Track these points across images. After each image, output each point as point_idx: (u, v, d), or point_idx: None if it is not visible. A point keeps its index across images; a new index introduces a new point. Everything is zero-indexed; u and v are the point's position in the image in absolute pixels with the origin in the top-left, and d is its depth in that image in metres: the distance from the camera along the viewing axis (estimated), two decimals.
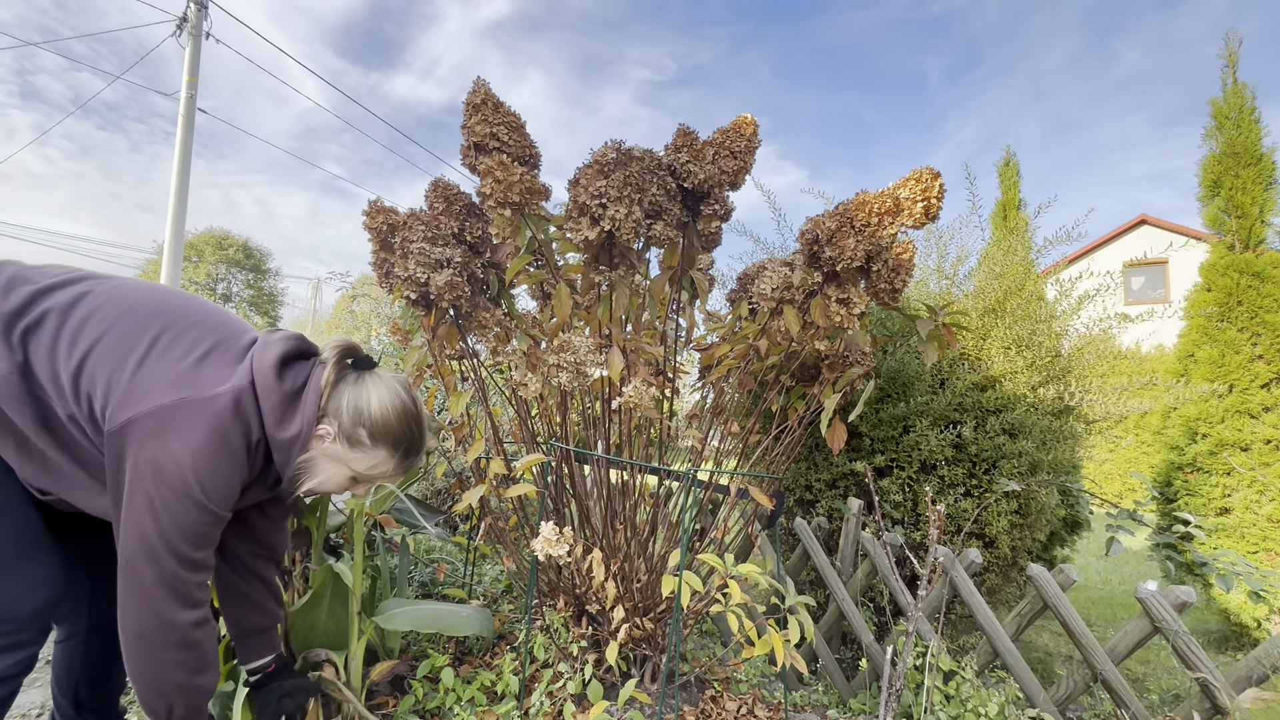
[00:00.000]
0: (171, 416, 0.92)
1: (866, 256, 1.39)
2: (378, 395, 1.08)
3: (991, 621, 1.85)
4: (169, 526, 0.92)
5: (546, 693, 1.59)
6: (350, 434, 1.06)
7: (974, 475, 2.29)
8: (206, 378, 0.98)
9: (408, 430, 1.10)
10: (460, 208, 1.58)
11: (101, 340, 0.97)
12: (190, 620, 0.97)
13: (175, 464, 0.91)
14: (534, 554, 1.60)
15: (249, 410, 1.00)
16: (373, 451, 1.08)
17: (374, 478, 1.13)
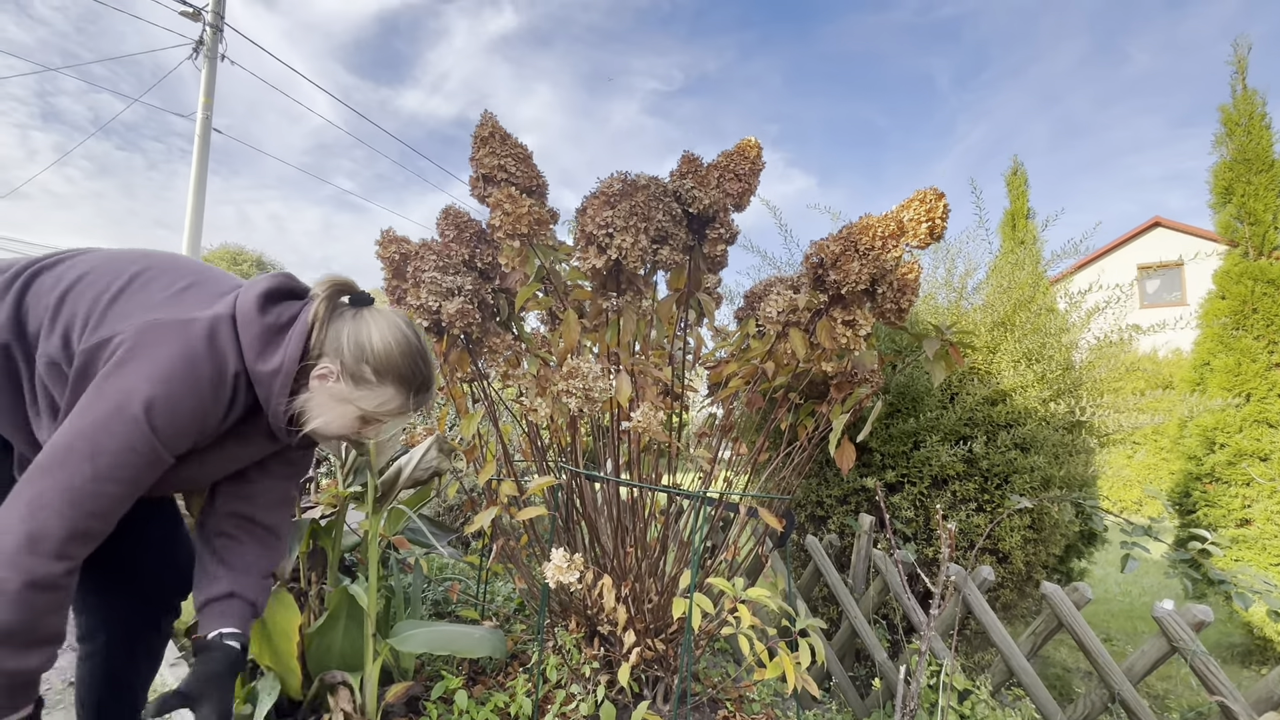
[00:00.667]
0: (141, 338, 0.88)
1: (871, 279, 1.40)
2: (379, 330, 1.02)
3: (1006, 640, 1.84)
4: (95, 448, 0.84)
5: (559, 714, 1.60)
6: (354, 371, 1.01)
7: (986, 490, 2.28)
8: (187, 303, 0.95)
9: (414, 364, 1.04)
10: (471, 235, 1.61)
11: (83, 278, 0.96)
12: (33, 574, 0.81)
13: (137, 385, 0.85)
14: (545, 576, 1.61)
15: (225, 340, 0.94)
16: (379, 388, 1.02)
17: (383, 415, 1.05)
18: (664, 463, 1.93)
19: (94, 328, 0.90)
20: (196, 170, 10.09)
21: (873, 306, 1.53)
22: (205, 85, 10.52)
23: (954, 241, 2.80)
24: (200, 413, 0.92)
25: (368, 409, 1.03)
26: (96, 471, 0.84)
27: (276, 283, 1.02)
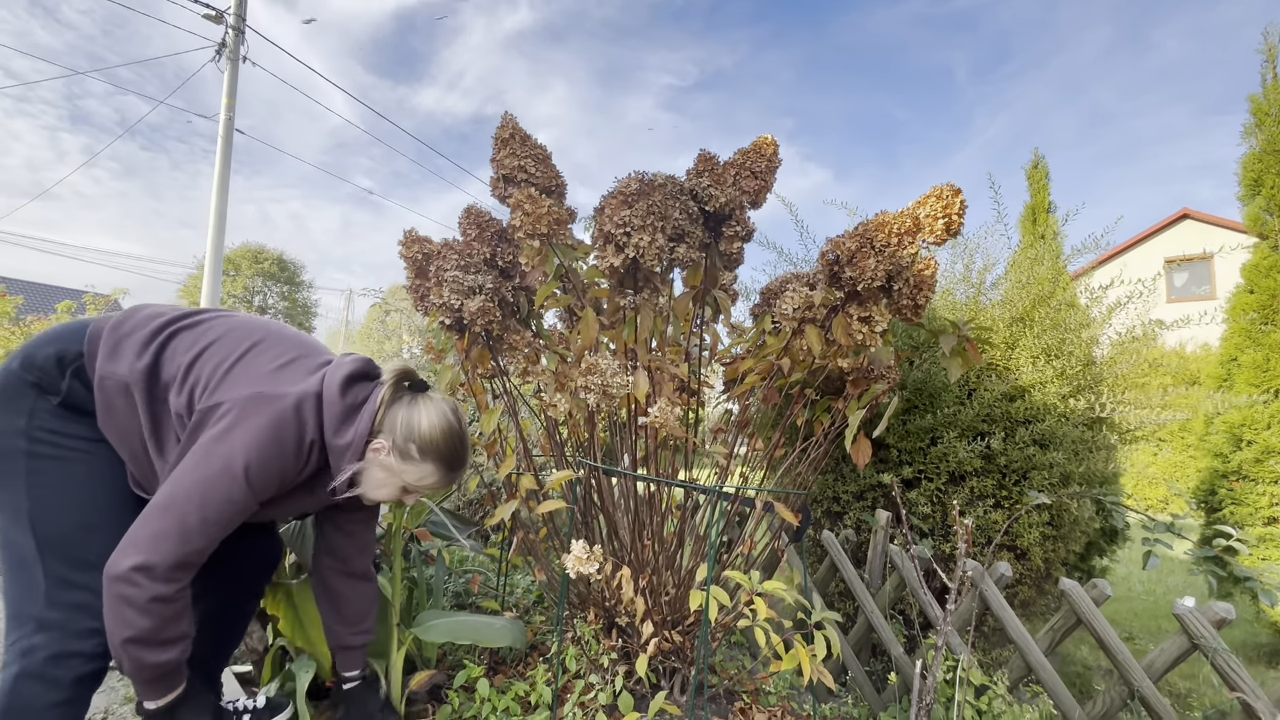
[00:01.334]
0: (245, 407, 1.06)
1: (887, 276, 1.40)
2: (428, 415, 1.20)
3: (1024, 636, 1.84)
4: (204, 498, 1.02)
5: (578, 703, 1.63)
6: (402, 448, 1.18)
7: (1004, 486, 2.27)
8: (282, 380, 1.12)
9: (453, 448, 1.22)
10: (492, 234, 1.65)
11: (215, 343, 1.15)
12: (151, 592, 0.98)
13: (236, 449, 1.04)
14: (565, 568, 1.65)
15: (309, 414, 1.12)
16: (421, 465, 1.20)
17: (421, 488, 1.24)
18: (680, 458, 1.95)
19: (211, 391, 1.09)
20: (219, 170, 10.28)
21: (889, 303, 1.54)
22: (228, 87, 10.71)
23: (972, 236, 2.78)
24: (283, 472, 1.12)
25: (409, 481, 1.22)
26: (204, 517, 1.03)
27: (357, 367, 1.21)
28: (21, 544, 1.07)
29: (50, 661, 1.05)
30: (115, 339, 1.13)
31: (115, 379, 1.10)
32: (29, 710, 1.04)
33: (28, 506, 1.07)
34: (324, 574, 1.40)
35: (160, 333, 1.15)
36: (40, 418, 1.10)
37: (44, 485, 1.08)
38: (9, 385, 1.11)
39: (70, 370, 1.12)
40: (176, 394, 1.11)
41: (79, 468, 1.12)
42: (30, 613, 1.06)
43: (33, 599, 1.06)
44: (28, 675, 1.04)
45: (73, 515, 1.10)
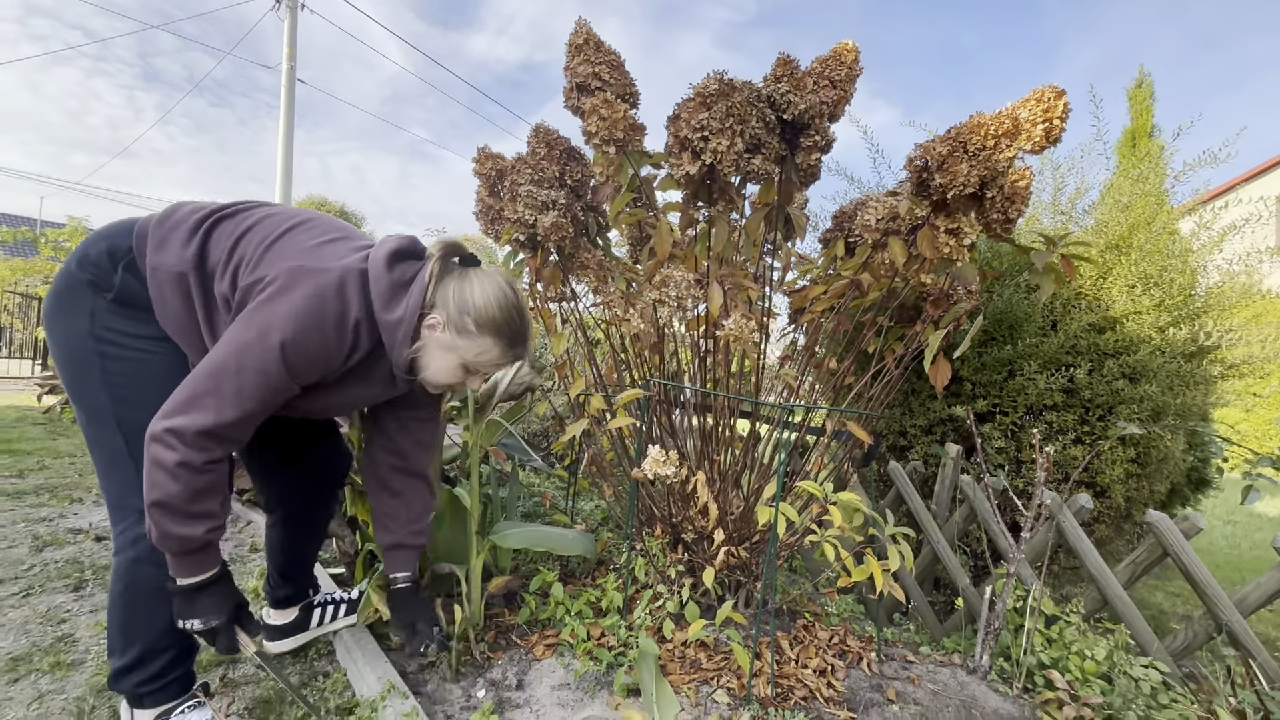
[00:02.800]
0: (287, 279, 1.03)
1: (980, 182, 1.32)
2: (481, 287, 1.14)
3: (1101, 568, 1.79)
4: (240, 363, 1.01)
5: (647, 610, 1.70)
6: (458, 323, 1.13)
7: (1086, 421, 2.17)
8: (326, 255, 1.09)
9: (510, 318, 1.16)
10: (560, 152, 1.63)
11: (256, 224, 1.13)
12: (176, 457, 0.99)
13: (276, 318, 1.01)
14: (633, 481, 1.69)
15: (352, 290, 1.07)
16: (479, 339, 1.15)
17: (482, 365, 1.19)
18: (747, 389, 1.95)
19: (253, 268, 1.07)
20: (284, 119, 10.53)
21: (978, 215, 1.45)
22: (288, 36, 10.85)
23: (1065, 159, 2.58)
24: (324, 351, 1.07)
25: (468, 358, 1.16)
26: (239, 386, 1.02)
27: (403, 244, 1.16)
28: (111, 442, 1.12)
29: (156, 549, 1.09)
30: (162, 232, 1.12)
31: (165, 269, 1.09)
32: (144, 591, 1.14)
33: (111, 406, 1.11)
34: (381, 471, 1.38)
35: (204, 222, 1.13)
36: (102, 317, 1.11)
37: (121, 385, 1.11)
38: (69, 286, 1.13)
39: (122, 264, 1.11)
40: (220, 278, 1.09)
41: (150, 366, 1.13)
42: (131, 504, 1.12)
43: (131, 490, 1.10)
44: (140, 560, 1.12)
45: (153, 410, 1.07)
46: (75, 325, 1.12)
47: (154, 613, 1.15)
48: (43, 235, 8.35)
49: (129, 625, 1.15)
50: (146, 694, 1.17)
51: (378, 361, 1.18)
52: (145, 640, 1.16)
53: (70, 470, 3.53)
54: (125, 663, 1.15)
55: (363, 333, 1.11)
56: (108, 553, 2.28)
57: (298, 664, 1.62)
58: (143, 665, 1.16)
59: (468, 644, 1.61)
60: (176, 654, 1.20)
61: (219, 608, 1.10)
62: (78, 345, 1.11)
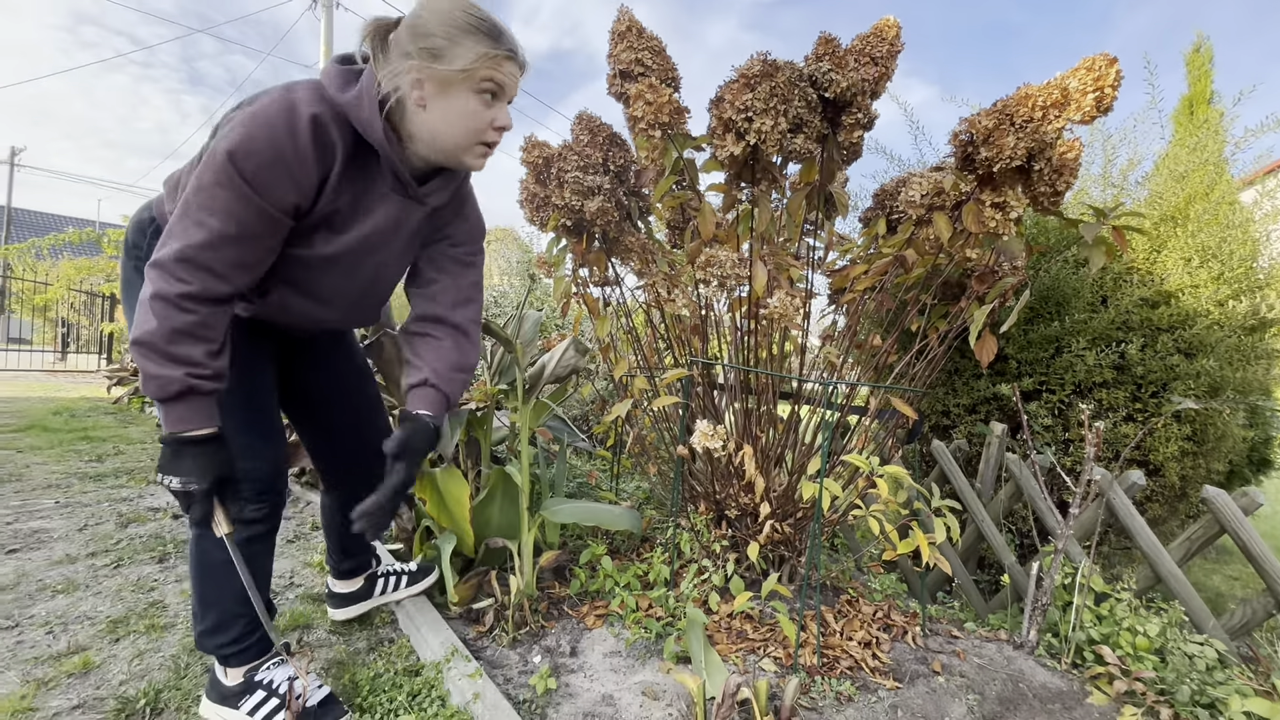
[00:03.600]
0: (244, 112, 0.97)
1: (1028, 155, 1.31)
2: (428, 5, 1.00)
3: (1154, 544, 1.76)
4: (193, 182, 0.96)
5: (693, 584, 1.76)
6: (428, 47, 0.98)
7: (1138, 398, 2.13)
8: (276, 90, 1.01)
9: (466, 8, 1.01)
10: (604, 138, 1.67)
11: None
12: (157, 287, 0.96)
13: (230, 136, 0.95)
14: (678, 458, 1.74)
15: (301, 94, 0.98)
16: (458, 45, 0.99)
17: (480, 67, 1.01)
18: (788, 370, 1.97)
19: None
20: None
21: (1025, 189, 1.44)
22: (324, 34, 11.12)
23: (1116, 130, 2.50)
24: (279, 153, 0.96)
25: (463, 65, 0.99)
26: (200, 203, 0.96)
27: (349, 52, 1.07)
28: None
29: None
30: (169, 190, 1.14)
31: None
32: (213, 563, 1.20)
33: None
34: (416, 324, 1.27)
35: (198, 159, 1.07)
36: None
37: None
38: (126, 277, 1.18)
39: (150, 233, 1.14)
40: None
41: None
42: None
43: None
44: (205, 536, 1.18)
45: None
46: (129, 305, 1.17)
47: (224, 584, 1.21)
48: (104, 235, 8.81)
49: (205, 594, 1.24)
50: (230, 655, 1.27)
51: (371, 169, 1.07)
52: (220, 608, 1.24)
53: (143, 455, 3.76)
54: (206, 627, 1.25)
55: (329, 129, 1.00)
56: (185, 529, 2.45)
57: (364, 631, 1.73)
58: (221, 630, 1.25)
59: (523, 613, 1.69)
60: (248, 622, 1.27)
61: (202, 471, 1.01)
62: None
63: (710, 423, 1.39)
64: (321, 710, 1.28)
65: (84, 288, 11.14)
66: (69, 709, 1.31)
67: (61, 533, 2.32)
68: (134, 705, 1.32)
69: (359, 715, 1.34)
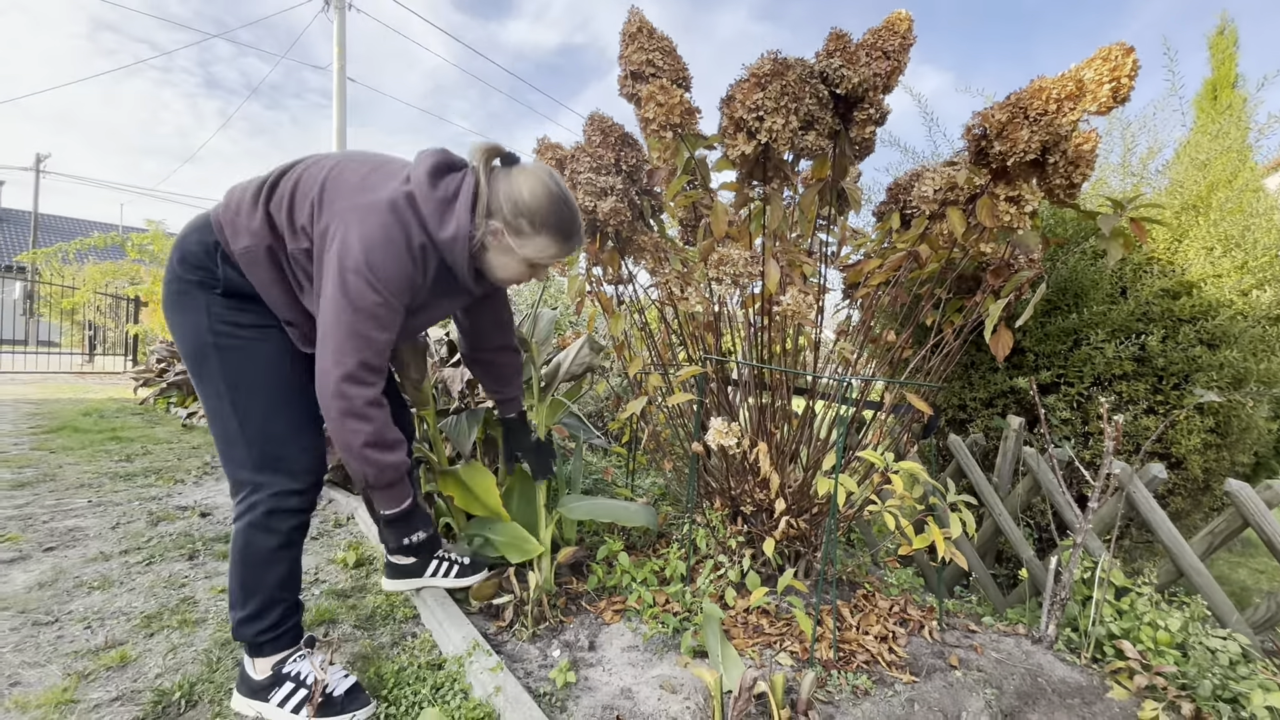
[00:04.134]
0: (345, 217, 1.14)
1: (1042, 148, 1.30)
2: (528, 185, 1.21)
3: (1175, 538, 1.75)
4: (349, 303, 1.13)
5: (709, 579, 1.77)
6: (514, 225, 1.21)
7: (1159, 390, 2.10)
8: (372, 185, 1.18)
9: (561, 214, 1.23)
10: (615, 139, 1.69)
11: (300, 180, 1.22)
12: (361, 396, 1.17)
13: (352, 252, 1.12)
14: (693, 455, 1.75)
15: (406, 212, 1.16)
16: (536, 238, 1.23)
17: (544, 260, 1.28)
18: (802, 367, 1.97)
19: (316, 220, 1.18)
20: (337, 118, 10.91)
21: (1040, 181, 1.43)
22: (337, 35, 11.21)
23: (1136, 118, 2.46)
24: (404, 270, 1.17)
25: (529, 255, 1.26)
26: (356, 319, 1.14)
27: (439, 159, 1.23)
28: (227, 424, 1.25)
29: (267, 515, 1.26)
30: (229, 218, 1.24)
31: (249, 251, 1.21)
32: (258, 553, 1.28)
33: (227, 392, 1.24)
34: (475, 354, 1.64)
35: (259, 196, 1.22)
36: (216, 312, 1.23)
37: (234, 373, 1.24)
38: (181, 289, 1.26)
39: (219, 257, 1.23)
40: (292, 237, 1.20)
41: (258, 354, 1.26)
42: (244, 478, 1.26)
43: (244, 467, 1.26)
44: (252, 526, 1.26)
45: (262, 395, 1.25)
46: (194, 321, 1.25)
47: (268, 570, 1.29)
48: (128, 239, 9.00)
49: (247, 582, 1.30)
50: (265, 642, 1.32)
51: (451, 275, 1.27)
52: (262, 595, 1.31)
53: (170, 454, 3.86)
54: (246, 614, 1.31)
55: (429, 253, 1.20)
56: (214, 527, 2.51)
57: (387, 626, 1.77)
58: (261, 616, 1.31)
59: (542, 609, 1.72)
60: (287, 608, 1.34)
61: (426, 521, 1.40)
62: (197, 340, 1.25)
63: (724, 420, 1.40)
64: (348, 699, 1.32)
65: (109, 291, 11.39)
66: (108, 701, 1.36)
67: (95, 531, 2.40)
68: (170, 697, 1.37)
69: (384, 706, 1.38)
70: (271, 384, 1.27)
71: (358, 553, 2.22)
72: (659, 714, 1.34)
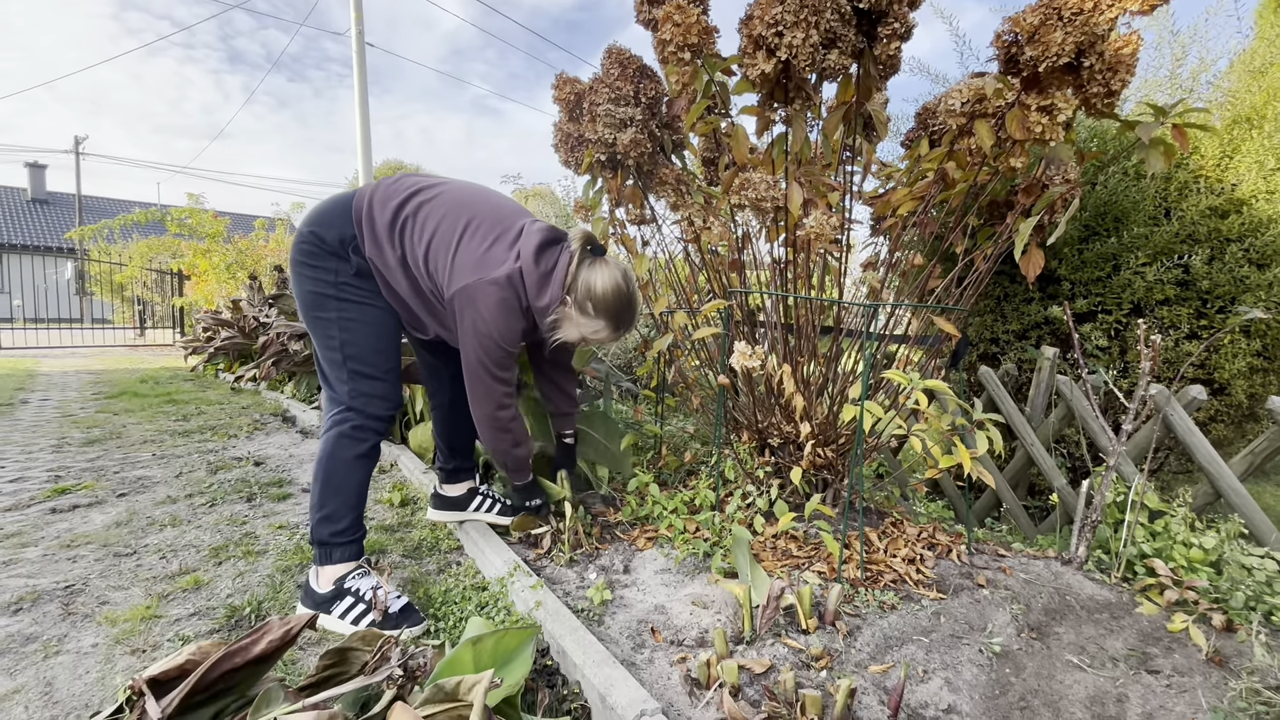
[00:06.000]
0: (475, 291, 1.45)
1: (1077, 50, 1.25)
2: (603, 279, 1.50)
3: (1214, 458, 1.72)
4: (485, 358, 1.50)
5: (738, 507, 1.82)
6: (581, 305, 1.51)
7: (1203, 314, 2.03)
8: (492, 261, 1.47)
9: (621, 307, 1.53)
10: (634, 70, 1.67)
11: (436, 232, 1.48)
12: (503, 416, 1.61)
13: (484, 322, 1.46)
14: (720, 387, 1.78)
15: (518, 285, 1.48)
16: (595, 320, 1.53)
17: (594, 337, 1.59)
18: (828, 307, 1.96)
19: (449, 282, 1.47)
20: (358, 87, 10.88)
21: (1076, 89, 1.37)
22: (354, 1, 11.10)
23: (1186, 28, 2.31)
24: (516, 329, 1.52)
25: (585, 333, 1.57)
26: (492, 373, 1.53)
27: (544, 236, 1.52)
28: (335, 355, 1.52)
29: (355, 429, 1.52)
30: (366, 231, 1.50)
31: (382, 264, 1.51)
32: (343, 458, 1.51)
33: (339, 334, 1.51)
34: (544, 387, 1.97)
35: (393, 225, 1.49)
36: (344, 277, 1.51)
37: (350, 320, 1.52)
38: (315, 251, 1.50)
39: (352, 249, 1.50)
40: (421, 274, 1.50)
41: (372, 311, 1.54)
42: (341, 399, 1.53)
43: (343, 391, 1.53)
44: (342, 436, 1.51)
45: (369, 341, 1.54)
46: (322, 279, 1.50)
47: (348, 475, 1.51)
48: (167, 214, 9.27)
49: (328, 484, 1.50)
50: (335, 545, 1.46)
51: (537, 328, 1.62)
52: (338, 498, 1.50)
53: (222, 414, 4.06)
54: (324, 514, 1.49)
55: (529, 313, 1.55)
56: (268, 474, 2.66)
57: (433, 556, 1.87)
58: (335, 519, 1.49)
59: (578, 537, 1.80)
60: (355, 518, 1.53)
61: (542, 493, 1.86)
62: (323, 291, 1.50)
63: (748, 344, 1.42)
64: (401, 616, 1.42)
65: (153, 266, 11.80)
66: (186, 616, 1.49)
67: (161, 479, 2.57)
68: (241, 612, 1.50)
69: (434, 622, 1.47)
70: (374, 335, 1.55)
71: (402, 493, 2.33)
72: (691, 626, 1.41)
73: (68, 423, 3.72)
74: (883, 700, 1.16)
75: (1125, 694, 1.24)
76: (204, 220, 9.29)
